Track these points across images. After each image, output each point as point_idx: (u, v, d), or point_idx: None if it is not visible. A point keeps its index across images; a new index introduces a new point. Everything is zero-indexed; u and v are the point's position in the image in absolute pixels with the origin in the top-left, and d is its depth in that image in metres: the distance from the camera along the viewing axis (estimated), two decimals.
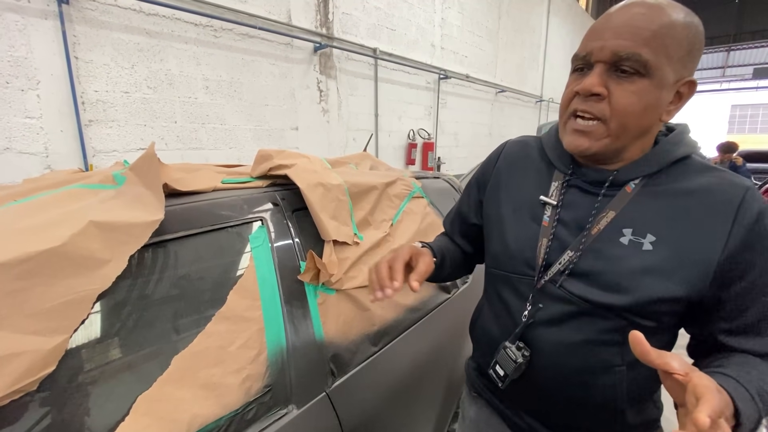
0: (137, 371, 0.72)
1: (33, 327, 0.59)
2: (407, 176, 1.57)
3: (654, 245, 0.58)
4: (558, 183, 0.68)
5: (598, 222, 0.62)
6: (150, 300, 0.77)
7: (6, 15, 2.29)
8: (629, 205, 0.61)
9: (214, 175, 1.10)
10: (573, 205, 0.65)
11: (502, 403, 0.80)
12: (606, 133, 0.58)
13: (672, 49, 0.54)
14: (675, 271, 0.56)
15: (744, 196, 0.56)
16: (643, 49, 0.53)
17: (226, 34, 3.38)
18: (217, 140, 3.43)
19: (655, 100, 0.56)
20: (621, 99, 0.56)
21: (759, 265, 0.55)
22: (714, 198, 0.57)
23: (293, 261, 1.00)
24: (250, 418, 0.82)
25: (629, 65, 0.54)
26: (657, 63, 0.54)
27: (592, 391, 0.65)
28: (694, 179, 0.59)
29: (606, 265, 0.60)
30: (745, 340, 0.58)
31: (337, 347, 1.02)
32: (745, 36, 17.48)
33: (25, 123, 2.42)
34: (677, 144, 0.61)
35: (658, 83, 0.55)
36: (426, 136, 6.10)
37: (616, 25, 0.55)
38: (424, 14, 5.75)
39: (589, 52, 0.57)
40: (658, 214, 0.59)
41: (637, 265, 0.58)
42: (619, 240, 0.60)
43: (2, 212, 0.74)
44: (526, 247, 0.69)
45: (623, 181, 0.62)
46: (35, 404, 0.60)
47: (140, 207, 0.78)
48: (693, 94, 0.60)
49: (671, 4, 0.55)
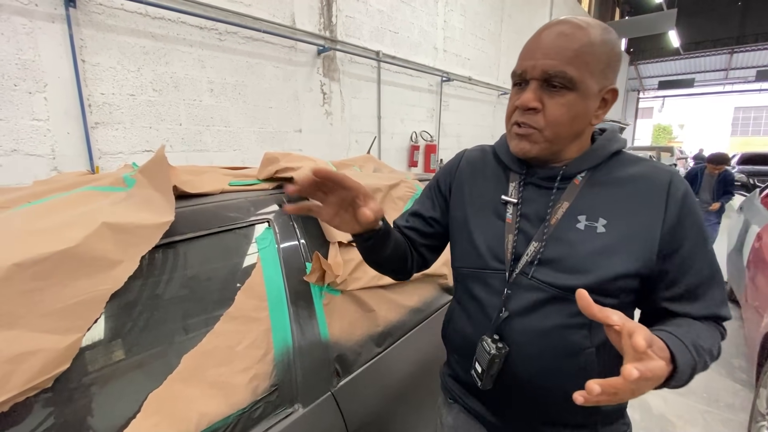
0: (148, 369, 0.74)
1: (48, 326, 0.61)
2: (410, 179, 1.58)
3: (606, 227, 0.65)
4: (516, 183, 0.75)
5: (555, 212, 0.69)
6: (160, 300, 0.79)
7: (14, 18, 2.32)
8: (579, 195, 0.68)
9: (222, 177, 1.12)
10: (531, 200, 0.72)
11: (483, 405, 0.81)
12: (542, 139, 0.66)
13: (593, 64, 0.62)
14: (627, 247, 0.64)
15: (671, 179, 0.65)
16: (568, 67, 0.61)
17: (231, 38, 3.40)
18: (221, 142, 3.46)
19: (582, 109, 0.65)
20: (553, 111, 0.64)
21: (690, 238, 0.64)
22: (648, 183, 0.66)
23: (299, 262, 1.01)
24: (256, 417, 0.83)
25: (558, 81, 0.62)
26: (581, 78, 0.62)
27: (567, 376, 0.69)
28: (628, 169, 0.68)
29: (568, 250, 0.67)
30: (685, 304, 0.66)
31: (342, 348, 1.03)
32: (748, 38, 17.41)
33: (32, 125, 2.45)
34: (611, 141, 0.71)
35: (584, 95, 0.63)
36: (428, 139, 6.11)
37: (544, 46, 0.63)
38: (426, 17, 5.77)
39: (524, 70, 0.65)
40: (605, 200, 0.67)
41: (594, 247, 0.65)
42: (576, 226, 0.67)
43: (17, 214, 0.76)
44: (494, 243, 0.74)
45: (571, 175, 0.70)
46: (50, 401, 0.62)
47: (151, 209, 0.79)
48: (616, 99, 0.69)
49: (590, 24, 0.64)
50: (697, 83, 18.75)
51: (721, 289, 0.68)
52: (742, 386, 2.43)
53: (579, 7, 12.17)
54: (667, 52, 18.81)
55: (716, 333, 0.66)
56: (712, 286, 0.67)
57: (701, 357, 0.59)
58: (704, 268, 0.66)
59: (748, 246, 2.86)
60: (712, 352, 0.63)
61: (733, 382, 2.48)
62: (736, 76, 19.50)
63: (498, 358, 0.71)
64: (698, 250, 0.65)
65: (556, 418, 0.74)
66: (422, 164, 6.05)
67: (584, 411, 0.70)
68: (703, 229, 0.66)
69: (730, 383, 2.47)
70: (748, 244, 2.86)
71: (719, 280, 0.68)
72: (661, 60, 19.79)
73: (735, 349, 2.89)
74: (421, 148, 5.97)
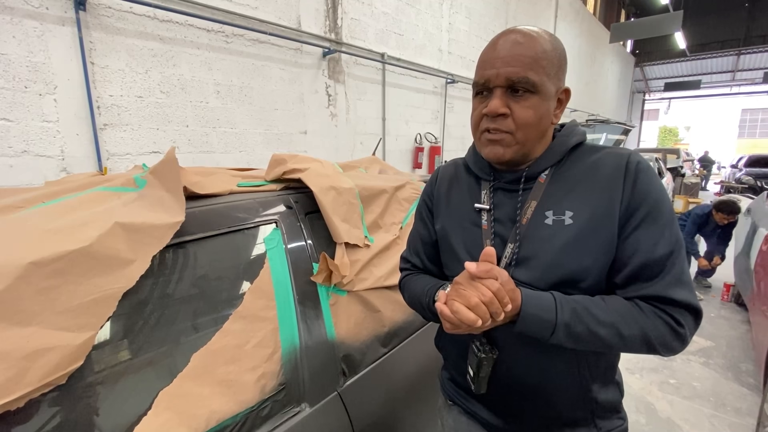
0: (158, 367, 0.75)
1: (63, 323, 0.62)
2: (416, 180, 1.59)
3: (573, 218, 0.67)
4: (486, 190, 0.78)
5: (525, 213, 0.72)
6: (171, 299, 0.80)
7: (25, 21, 2.36)
8: (545, 193, 0.71)
9: (230, 178, 1.13)
10: (502, 204, 0.75)
11: (483, 407, 0.83)
12: (514, 142, 0.69)
13: (548, 68, 0.67)
14: (594, 233, 0.66)
15: (628, 158, 0.67)
16: (529, 72, 0.65)
17: (238, 40, 3.43)
18: (227, 144, 3.48)
19: (545, 110, 0.68)
20: (521, 114, 0.67)
21: (637, 215, 0.64)
22: (607, 167, 0.68)
23: (306, 262, 1.02)
24: (264, 416, 0.84)
25: (521, 86, 0.66)
26: (540, 81, 0.66)
27: (557, 374, 0.71)
28: (589, 158, 0.71)
29: (540, 246, 0.69)
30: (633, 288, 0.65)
31: (349, 347, 1.04)
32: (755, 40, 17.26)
33: (42, 126, 2.48)
34: (569, 135, 0.74)
35: (545, 96, 0.67)
36: (433, 140, 6.12)
37: (503, 56, 0.66)
38: (431, 19, 5.78)
39: (487, 79, 0.68)
40: (569, 193, 0.69)
41: (564, 239, 0.67)
42: (545, 222, 0.69)
43: (32, 214, 0.78)
44: (473, 250, 0.76)
45: (535, 174, 0.73)
46: (63, 398, 0.63)
47: (162, 209, 0.81)
48: (569, 98, 0.73)
49: (539, 32, 0.68)
50: (703, 85, 18.59)
51: (676, 269, 0.63)
52: (749, 390, 2.41)
53: (584, 9, 12.14)
54: (674, 53, 18.69)
55: (644, 315, 0.62)
56: (664, 267, 0.63)
57: (581, 323, 0.62)
58: (654, 248, 0.63)
59: (755, 249, 2.84)
60: (618, 329, 0.61)
61: (740, 386, 2.46)
62: (743, 77, 19.33)
63: (486, 361, 0.74)
64: (650, 226, 0.64)
65: (553, 416, 0.75)
66: (426, 166, 6.05)
67: (580, 405, 0.73)
68: (657, 204, 0.64)
69: (737, 387, 2.45)
70: (756, 248, 2.83)
71: (676, 258, 0.63)
72: (667, 62, 19.67)
73: (742, 352, 2.87)
74: (426, 149, 5.97)
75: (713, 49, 18.16)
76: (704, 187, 13.01)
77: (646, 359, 2.70)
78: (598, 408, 0.74)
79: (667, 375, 2.58)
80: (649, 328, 0.62)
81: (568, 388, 0.72)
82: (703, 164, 14.68)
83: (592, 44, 13.00)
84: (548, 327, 0.62)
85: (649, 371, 2.61)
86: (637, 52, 20.36)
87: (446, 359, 0.93)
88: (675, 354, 0.65)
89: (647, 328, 0.62)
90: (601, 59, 14.28)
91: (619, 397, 0.77)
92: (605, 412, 0.75)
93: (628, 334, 0.62)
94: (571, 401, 0.73)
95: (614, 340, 0.62)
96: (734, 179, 11.71)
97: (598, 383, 0.73)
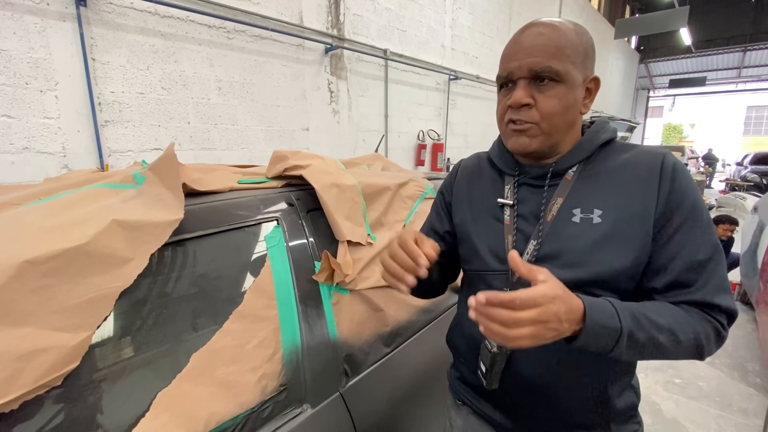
0: (157, 368, 0.74)
1: (59, 323, 0.61)
2: (419, 177, 1.57)
3: (602, 217, 0.65)
4: (510, 185, 0.76)
5: (550, 210, 0.70)
6: (169, 298, 0.78)
7: (26, 17, 2.34)
8: (573, 190, 0.69)
9: (231, 175, 1.11)
10: (526, 200, 0.74)
11: (493, 407, 0.81)
12: (540, 132, 0.67)
13: (573, 56, 0.65)
14: (624, 233, 0.64)
15: (663, 159, 0.65)
16: (552, 61, 0.64)
17: (239, 36, 3.41)
18: (229, 141, 3.47)
19: (572, 99, 0.67)
20: (545, 104, 0.66)
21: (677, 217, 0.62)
22: (640, 167, 0.66)
23: (308, 261, 1.01)
24: (265, 417, 0.83)
25: (545, 75, 0.65)
26: (566, 70, 0.65)
27: (572, 375, 0.69)
28: (620, 156, 0.69)
29: (566, 245, 0.67)
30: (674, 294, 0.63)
31: (351, 347, 1.03)
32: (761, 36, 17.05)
33: (43, 123, 2.47)
34: (599, 132, 0.72)
35: (571, 85, 0.66)
36: (436, 137, 6.08)
37: (526, 47, 0.66)
38: (434, 15, 5.74)
39: (510, 71, 0.67)
40: (598, 191, 0.67)
41: (592, 238, 0.65)
42: (572, 220, 0.67)
43: (28, 211, 0.76)
44: (494, 245, 0.75)
45: (562, 170, 0.71)
46: (59, 399, 0.62)
47: (161, 207, 0.79)
48: (599, 87, 0.71)
49: (562, 22, 0.67)
50: (708, 82, 18.42)
51: (718, 275, 0.62)
52: (756, 390, 2.39)
53: (588, 4, 12.04)
54: (679, 50, 18.50)
55: (694, 320, 0.60)
56: (706, 271, 0.61)
57: (642, 329, 0.56)
58: (697, 251, 0.62)
59: (762, 248, 2.80)
60: (675, 334, 0.58)
61: (746, 386, 2.44)
62: (749, 74, 19.12)
63: (499, 356, 0.72)
64: (689, 230, 0.62)
65: (566, 419, 0.73)
66: (429, 163, 6.02)
67: (595, 409, 0.70)
68: (696, 207, 0.63)
69: (743, 387, 2.42)
70: (763, 246, 2.80)
71: (717, 265, 0.62)
72: (672, 58, 19.48)
73: (749, 352, 2.84)
74: (429, 146, 5.94)
75: (719, 46, 17.97)
76: (709, 185, 12.91)
77: None
78: (614, 413, 0.71)
79: (672, 375, 2.55)
80: (701, 333, 0.60)
81: (583, 391, 0.70)
82: (708, 162, 14.57)
83: (596, 40, 12.68)
84: (613, 337, 0.55)
85: (654, 371, 2.59)
86: (641, 49, 20.18)
87: (456, 356, 0.90)
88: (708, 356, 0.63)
89: (700, 332, 0.60)
90: (605, 55, 14.17)
91: (635, 401, 0.75)
92: (621, 417, 0.73)
93: (684, 339, 0.59)
94: (586, 405, 0.71)
95: (671, 346, 0.59)
96: (739, 177, 11.62)
97: (616, 388, 0.71)
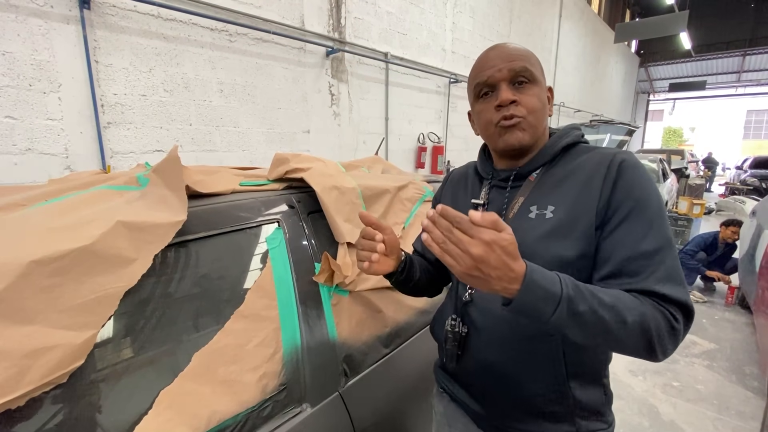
0: (159, 366, 0.75)
1: (65, 322, 0.62)
2: (419, 180, 1.58)
3: (554, 213, 0.71)
4: (486, 188, 0.84)
5: (512, 208, 0.76)
6: (172, 298, 0.80)
7: (30, 20, 2.37)
8: (534, 190, 0.75)
9: (232, 177, 1.13)
10: (494, 200, 0.81)
11: (465, 392, 0.86)
12: (529, 126, 0.73)
13: (537, 66, 0.75)
14: (572, 226, 0.68)
15: (612, 157, 0.69)
16: (527, 63, 0.72)
17: (241, 39, 3.43)
18: (230, 143, 3.49)
19: (545, 99, 0.75)
20: (528, 101, 0.72)
21: (622, 209, 0.65)
22: (592, 165, 0.71)
23: (308, 262, 1.02)
24: (265, 416, 0.84)
25: (524, 76, 0.72)
26: (537, 73, 0.73)
27: (532, 362, 0.73)
28: (580, 158, 0.74)
29: (521, 237, 0.67)
30: (615, 282, 0.64)
31: (350, 348, 1.04)
32: (760, 41, 17.11)
33: (46, 125, 2.49)
34: (562, 137, 0.78)
35: (542, 87, 0.75)
36: (436, 140, 6.11)
37: (501, 55, 0.73)
38: (435, 19, 5.77)
39: (490, 76, 0.73)
40: (554, 190, 0.73)
41: (543, 231, 0.70)
42: (528, 216, 0.73)
43: (34, 212, 0.78)
44: None
45: (525, 173, 0.77)
46: (64, 396, 0.63)
47: (164, 208, 0.80)
48: (554, 97, 0.80)
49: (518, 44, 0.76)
50: (708, 86, 18.46)
51: (666, 266, 0.61)
52: (753, 394, 2.39)
53: (589, 8, 12.09)
54: (679, 54, 18.57)
55: (644, 305, 0.59)
56: (653, 262, 0.61)
57: (584, 300, 0.55)
58: (641, 241, 0.62)
59: (760, 252, 2.82)
60: (620, 313, 0.57)
61: (744, 389, 2.44)
62: (749, 78, 19.18)
63: (451, 334, 0.79)
64: (632, 221, 0.63)
65: (527, 407, 0.75)
66: (429, 165, 6.04)
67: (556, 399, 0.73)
68: (643, 199, 0.64)
69: (741, 390, 2.43)
70: (761, 250, 2.81)
71: (665, 256, 0.62)
72: (672, 62, 19.55)
73: (747, 355, 2.85)
74: (429, 149, 5.96)
75: (719, 50, 18.04)
76: (709, 188, 12.93)
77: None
78: (577, 407, 0.73)
79: (670, 377, 2.56)
80: (649, 318, 0.58)
81: (543, 379, 0.72)
82: (708, 165, 14.59)
83: (596, 44, 12.94)
84: (552, 301, 0.55)
85: (652, 374, 2.60)
86: (641, 52, 20.26)
87: (438, 345, 0.95)
88: (665, 357, 0.60)
89: (648, 316, 0.58)
90: (605, 59, 14.21)
91: (602, 400, 0.76)
92: (585, 413, 0.74)
93: (630, 320, 0.57)
94: (546, 393, 0.73)
95: (616, 327, 0.57)
96: (739, 181, 11.64)
97: (578, 381, 0.73)
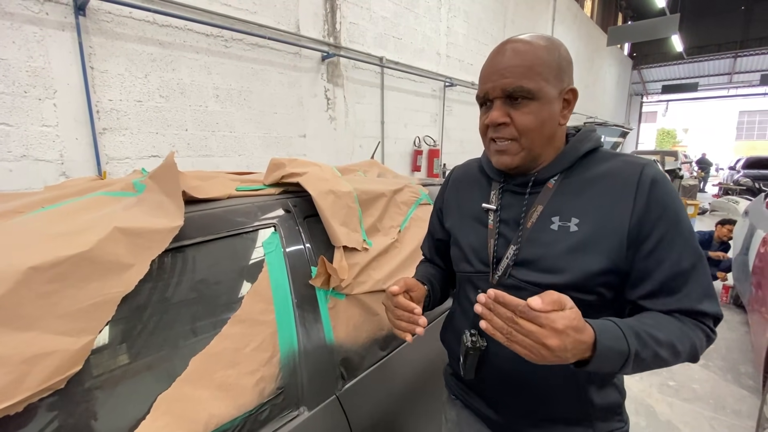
0: (157, 371, 0.75)
1: (62, 328, 0.63)
2: (414, 183, 1.60)
3: (578, 226, 0.68)
4: (495, 191, 0.80)
5: (530, 216, 0.73)
6: (169, 303, 0.80)
7: (25, 27, 2.37)
8: (553, 198, 0.72)
9: (229, 182, 1.13)
10: (509, 206, 0.77)
11: (482, 401, 0.85)
12: (520, 149, 0.71)
13: (546, 73, 0.68)
14: (598, 243, 0.66)
15: (642, 170, 0.67)
16: (523, 80, 0.67)
17: (237, 44, 3.45)
18: (226, 148, 3.49)
19: (547, 114, 0.69)
20: (521, 120, 0.69)
21: (659, 227, 0.64)
22: (619, 177, 0.68)
23: (305, 266, 1.03)
24: (263, 419, 0.84)
25: (518, 94, 0.68)
26: (538, 87, 0.67)
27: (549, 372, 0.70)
28: (601, 166, 0.71)
29: (543, 251, 0.70)
30: (659, 300, 0.65)
31: (347, 351, 1.04)
32: (752, 42, 17.31)
33: (41, 131, 2.49)
34: (583, 141, 0.74)
35: (545, 101, 0.68)
36: (432, 143, 6.13)
37: (499, 69, 0.69)
38: (430, 23, 5.81)
39: (486, 92, 0.71)
40: (577, 200, 0.70)
41: (567, 245, 0.68)
42: (550, 227, 0.70)
43: (32, 218, 0.78)
44: (479, 248, 0.79)
45: (544, 179, 0.74)
46: (62, 402, 0.63)
47: (161, 214, 0.81)
48: (577, 97, 0.73)
49: (533, 40, 0.69)
50: (701, 87, 18.66)
51: (702, 282, 0.65)
52: (749, 392, 2.41)
53: (581, 12, 12.20)
54: (671, 56, 18.75)
55: (689, 328, 0.63)
56: (690, 279, 0.64)
57: (646, 347, 0.58)
58: (680, 260, 0.64)
59: (753, 250, 2.85)
60: (675, 347, 0.60)
61: (739, 388, 2.46)
62: (741, 80, 19.38)
63: (472, 350, 0.75)
64: (670, 240, 0.64)
65: (545, 413, 0.76)
66: (425, 169, 6.06)
67: (575, 405, 0.73)
68: (677, 218, 0.64)
69: (736, 389, 2.45)
70: (754, 249, 2.84)
71: (701, 272, 0.64)
72: (664, 64, 19.72)
73: (741, 355, 2.87)
74: (425, 152, 5.98)
75: (710, 52, 18.22)
76: (702, 189, 13.04)
77: None
78: (595, 409, 0.74)
79: (666, 377, 2.58)
80: (695, 340, 0.62)
81: (562, 387, 0.73)
82: (701, 166, 14.72)
83: (589, 47, 13.06)
84: (621, 357, 0.57)
85: (648, 374, 2.61)
86: (634, 55, 20.44)
87: (449, 353, 0.94)
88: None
89: (694, 339, 0.62)
90: (599, 62, 14.33)
91: (618, 399, 0.77)
92: (604, 414, 0.75)
93: (682, 350, 0.61)
94: (565, 400, 0.74)
95: (671, 358, 0.61)
96: (732, 181, 11.74)
97: (595, 385, 0.73)
